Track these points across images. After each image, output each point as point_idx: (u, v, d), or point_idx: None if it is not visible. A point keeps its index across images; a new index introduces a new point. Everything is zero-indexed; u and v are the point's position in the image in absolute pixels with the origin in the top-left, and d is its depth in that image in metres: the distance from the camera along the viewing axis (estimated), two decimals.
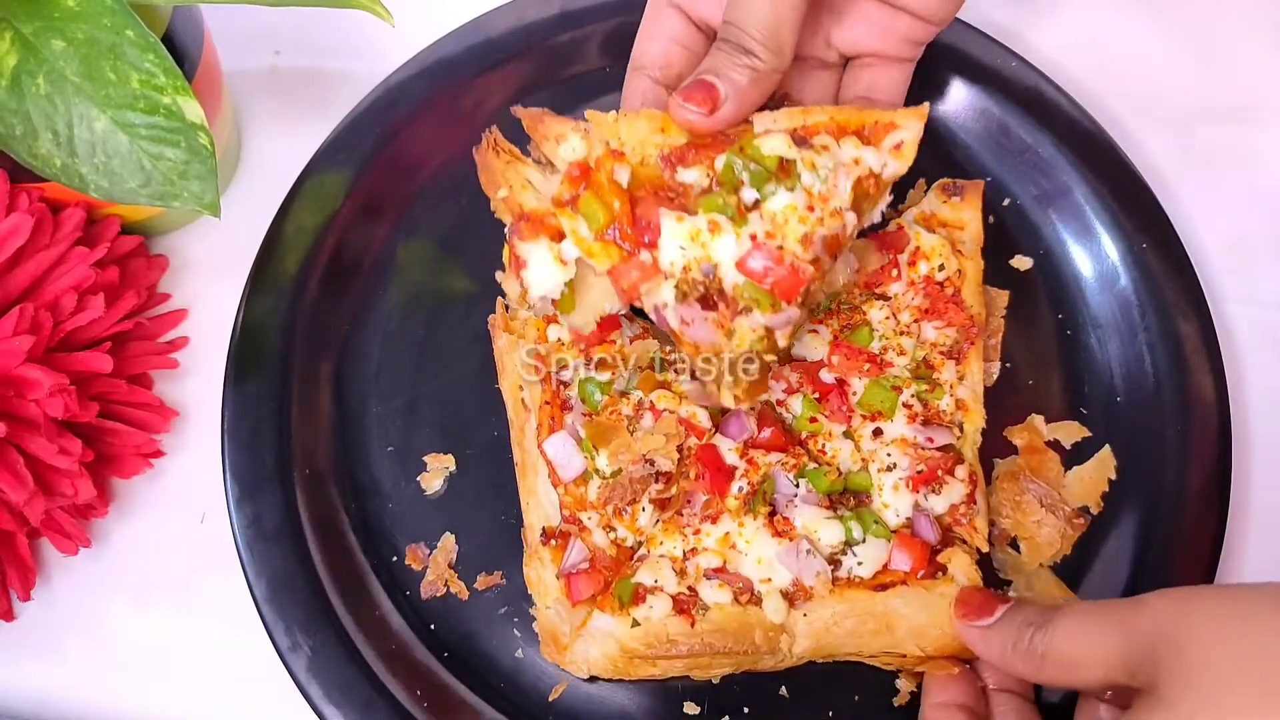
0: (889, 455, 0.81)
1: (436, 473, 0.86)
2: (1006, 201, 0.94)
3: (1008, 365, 0.89)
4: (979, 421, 0.84)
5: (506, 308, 0.87)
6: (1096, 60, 1.01)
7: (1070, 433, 0.87)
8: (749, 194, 0.70)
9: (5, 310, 0.77)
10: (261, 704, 0.81)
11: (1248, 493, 0.87)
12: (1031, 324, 0.91)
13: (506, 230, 0.76)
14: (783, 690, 0.80)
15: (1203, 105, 1.01)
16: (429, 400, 0.88)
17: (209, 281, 0.91)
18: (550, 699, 0.80)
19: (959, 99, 0.95)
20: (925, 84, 0.87)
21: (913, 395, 0.83)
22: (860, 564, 0.78)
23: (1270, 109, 1.01)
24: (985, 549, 0.80)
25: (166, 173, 0.70)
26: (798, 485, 0.80)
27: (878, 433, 0.82)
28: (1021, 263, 0.92)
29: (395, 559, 0.83)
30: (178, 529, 0.85)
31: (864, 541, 0.78)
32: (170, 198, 0.71)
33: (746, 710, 0.79)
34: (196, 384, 0.89)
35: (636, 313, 0.82)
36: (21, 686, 0.82)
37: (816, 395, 0.83)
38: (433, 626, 0.81)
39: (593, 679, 0.79)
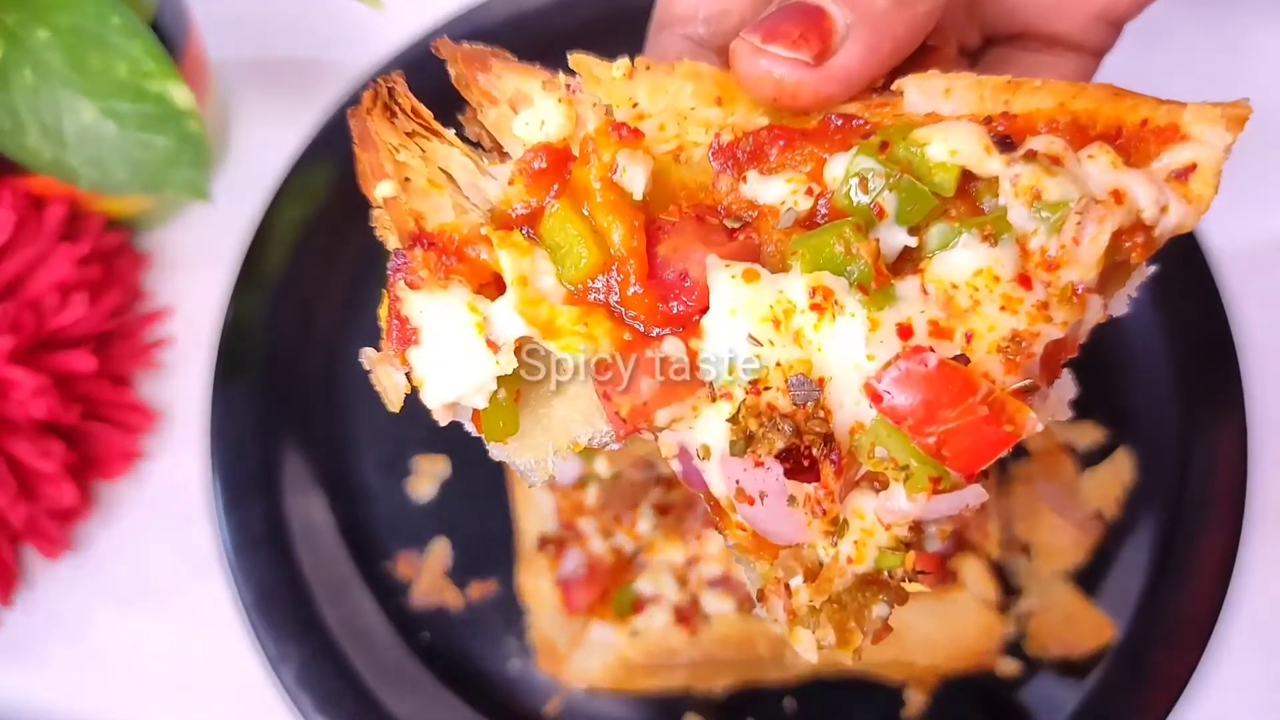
0: None
1: (428, 477, 0.84)
2: None
3: None
4: None
5: None
6: (1111, 52, 0.99)
7: (1085, 435, 0.85)
8: (894, 237, 0.38)
9: None
10: (251, 713, 0.80)
11: (1264, 495, 0.85)
12: None
13: (388, 266, 0.43)
14: (788, 702, 0.78)
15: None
16: (422, 401, 0.85)
17: (193, 278, 0.89)
18: (547, 711, 0.78)
19: None
20: None
21: None
22: None
23: None
24: (996, 555, 0.79)
25: (156, 161, 0.69)
26: None
27: None
28: None
29: (386, 566, 0.82)
30: (162, 533, 0.84)
31: None
32: (161, 186, 0.70)
33: None
34: (181, 384, 0.87)
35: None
36: (4, 692, 0.81)
37: None
38: (425, 636, 0.80)
39: (591, 691, 0.78)
